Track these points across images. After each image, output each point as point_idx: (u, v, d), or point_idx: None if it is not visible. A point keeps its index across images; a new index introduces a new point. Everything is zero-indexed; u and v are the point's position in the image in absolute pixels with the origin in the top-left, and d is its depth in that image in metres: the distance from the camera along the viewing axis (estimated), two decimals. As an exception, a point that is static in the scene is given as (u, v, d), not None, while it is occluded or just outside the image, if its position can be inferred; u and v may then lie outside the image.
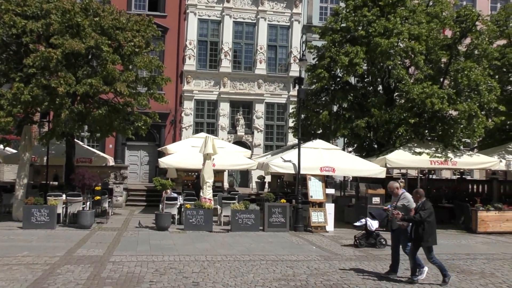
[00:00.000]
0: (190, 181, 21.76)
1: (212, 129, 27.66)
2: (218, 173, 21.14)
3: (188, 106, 27.67)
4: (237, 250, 11.66)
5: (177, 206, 16.15)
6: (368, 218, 12.87)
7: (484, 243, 14.24)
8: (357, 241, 12.81)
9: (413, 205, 8.88)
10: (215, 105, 28.13)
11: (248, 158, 20.86)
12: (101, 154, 22.43)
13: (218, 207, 16.73)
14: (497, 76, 19.23)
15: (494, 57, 18.02)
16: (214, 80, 28.10)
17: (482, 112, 17.70)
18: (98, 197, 15.93)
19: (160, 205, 16.23)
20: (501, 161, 17.76)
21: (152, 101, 18.91)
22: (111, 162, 22.41)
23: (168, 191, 16.04)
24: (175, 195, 16.45)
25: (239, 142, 26.97)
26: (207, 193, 15.88)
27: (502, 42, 20.57)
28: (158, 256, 10.44)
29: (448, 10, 18.49)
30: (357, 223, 13.17)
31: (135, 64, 17.48)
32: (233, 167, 20.79)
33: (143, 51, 17.52)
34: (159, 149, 24.80)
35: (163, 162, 18.17)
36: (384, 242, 12.65)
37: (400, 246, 9.18)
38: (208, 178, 16.02)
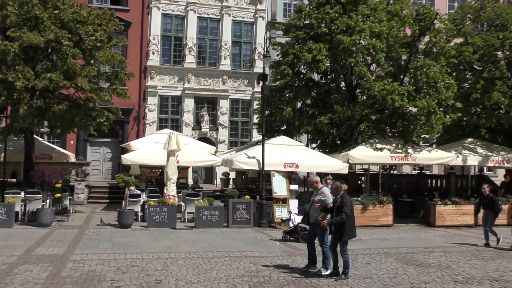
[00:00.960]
0: (153, 178, 21.57)
1: (177, 125, 27.46)
2: (182, 170, 21.03)
3: (152, 102, 27.36)
4: (201, 247, 11.64)
5: (141, 203, 15.99)
6: (295, 213, 13.38)
7: (441, 236, 14.69)
8: (285, 236, 13.15)
9: (330, 200, 8.96)
10: (180, 101, 27.92)
11: (213, 154, 20.81)
12: (62, 150, 21.95)
13: (182, 204, 16.65)
14: (454, 74, 19.78)
15: (451, 55, 18.52)
16: (178, 76, 27.86)
17: (440, 109, 18.16)
18: (58, 195, 15.58)
19: (123, 202, 16.02)
20: (458, 156, 18.30)
21: (114, 97, 18.62)
22: (72, 158, 21.97)
23: (131, 188, 15.86)
24: (138, 192, 16.28)
25: (204, 139, 26.88)
26: (171, 190, 15.78)
27: (459, 40, 21.18)
28: (120, 254, 10.32)
29: (407, 8, 18.88)
30: (284, 217, 13.54)
31: (97, 58, 17.18)
32: (198, 164, 20.71)
33: (105, 45, 17.22)
34: (122, 145, 24.46)
35: (126, 158, 17.93)
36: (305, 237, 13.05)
37: (317, 239, 9.23)
38: (172, 175, 15.92)
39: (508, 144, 20.43)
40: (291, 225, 13.43)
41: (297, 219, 13.14)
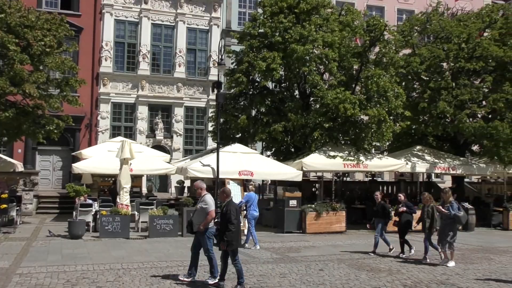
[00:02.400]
0: (106, 187, 21.09)
1: (130, 133, 27.03)
2: (136, 178, 20.69)
3: (105, 109, 26.82)
4: (155, 256, 11.48)
5: (92, 213, 15.60)
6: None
7: (392, 242, 15.02)
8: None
9: (212, 207, 8.72)
10: (133, 109, 27.51)
11: (167, 162, 20.60)
12: (8, 159, 21.08)
13: (136, 213, 16.36)
14: (403, 83, 20.43)
15: (400, 65, 19.14)
16: (132, 83, 27.46)
17: (390, 117, 18.69)
18: (4, 206, 14.98)
19: (74, 212, 15.59)
20: (407, 163, 18.87)
21: (65, 104, 18.17)
22: (19, 168, 21.13)
23: (82, 197, 15.46)
24: (90, 201, 15.89)
25: (158, 147, 26.57)
26: (124, 199, 15.49)
27: (407, 51, 21.91)
28: (70, 266, 10.03)
29: (358, 19, 19.38)
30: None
31: (46, 64, 16.71)
32: (152, 172, 20.44)
33: (55, 51, 16.79)
34: (73, 153, 23.78)
35: (78, 167, 17.46)
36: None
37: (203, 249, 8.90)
38: (125, 184, 15.64)
39: (453, 152, 21.26)
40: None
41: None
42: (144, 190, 23.22)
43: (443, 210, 11.11)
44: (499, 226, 19.07)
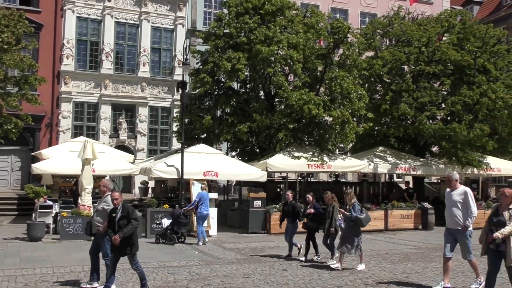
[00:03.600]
0: (67, 188, 20.63)
1: (93, 133, 26.52)
2: (98, 179, 20.19)
3: (66, 108, 26.21)
4: (117, 258, 11.28)
5: (53, 215, 15.24)
6: (164, 217, 14.17)
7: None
8: (158, 238, 13.95)
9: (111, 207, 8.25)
10: (96, 108, 27.00)
11: (131, 163, 20.32)
12: (-36, 159, 20.42)
13: (98, 214, 16.05)
14: (366, 85, 20.78)
15: (363, 67, 19.46)
16: (94, 82, 26.94)
17: (354, 119, 18.98)
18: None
19: (33, 214, 15.17)
20: (370, 164, 19.21)
21: (24, 103, 17.68)
22: (-24, 168, 20.50)
23: (42, 199, 15.07)
24: (50, 203, 15.51)
25: (122, 147, 26.16)
26: (86, 200, 15.20)
27: (370, 54, 22.33)
28: (29, 269, 9.78)
29: (323, 21, 19.62)
30: (164, 221, 14.21)
31: (3, 62, 16.23)
32: (115, 173, 20.05)
33: (13, 48, 16.34)
34: (33, 154, 23.15)
35: (37, 168, 17.01)
36: (174, 239, 13.89)
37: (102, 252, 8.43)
38: (87, 185, 15.35)
39: (414, 153, 21.79)
40: (162, 226, 14.25)
41: (166, 222, 13.94)
42: (107, 191, 22.80)
43: (344, 212, 10.78)
44: (457, 225, 19.60)
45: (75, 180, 19.79)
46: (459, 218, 8.53)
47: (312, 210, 11.72)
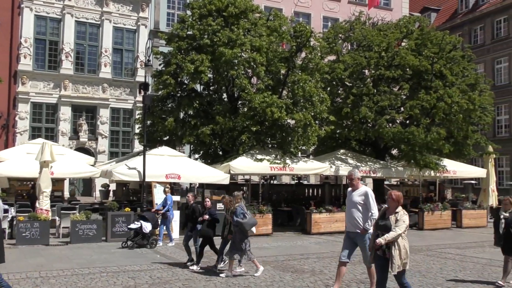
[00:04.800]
0: (24, 191, 20.08)
1: (52, 135, 25.94)
2: (57, 182, 19.87)
3: (24, 109, 25.54)
4: (76, 263, 11.08)
5: (8, 219, 14.77)
6: (141, 221, 13.83)
7: (316, 243, 15.51)
8: (127, 242, 13.64)
9: None
10: (55, 109, 26.41)
11: (91, 165, 19.93)
12: None
13: (57, 218, 15.71)
14: (328, 89, 21.10)
15: (325, 71, 19.71)
16: (54, 82, 26.37)
17: (316, 122, 19.21)
18: None
19: (-13, 219, 14.67)
20: (331, 166, 19.45)
21: (-22, 103, 17.11)
22: None
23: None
24: (6, 206, 15.01)
25: (82, 149, 25.69)
26: (44, 203, 14.82)
27: (332, 57, 22.68)
28: (-18, 276, 9.44)
29: (286, 25, 19.80)
30: (132, 225, 13.95)
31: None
32: (74, 175, 19.71)
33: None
34: (-13, 156, 22.41)
35: (-8, 170, 16.47)
36: (155, 242, 13.95)
37: None
38: (45, 188, 14.97)
39: (374, 155, 22.25)
40: (144, 231, 13.84)
41: (148, 226, 13.78)
42: (66, 194, 22.36)
43: (206, 217, 10.44)
44: (415, 226, 20.13)
45: (32, 183, 19.28)
46: (359, 220, 7.92)
47: (207, 217, 10.83)
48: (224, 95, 19.88)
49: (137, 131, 23.06)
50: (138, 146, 25.52)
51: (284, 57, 19.13)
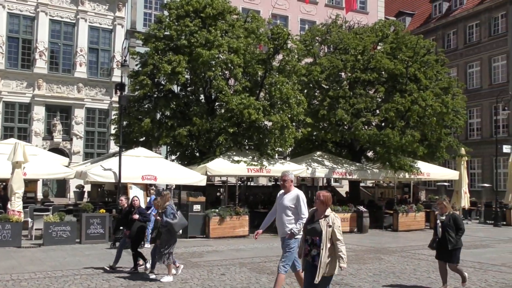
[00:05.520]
0: (-4, 192, 19.61)
1: (25, 135, 25.46)
2: (30, 183, 19.46)
3: (-5, 108, 25.00)
4: (49, 265, 10.90)
5: (-21, 221, 14.44)
6: None
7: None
8: (115, 243, 13.38)
9: None
10: (28, 109, 25.94)
11: (66, 166, 19.62)
12: None
13: (29, 219, 15.42)
14: (305, 91, 21.24)
15: (302, 73, 19.86)
16: (27, 82, 25.90)
17: (293, 124, 19.31)
18: None
19: (-43, 221, 14.32)
20: (308, 168, 19.59)
21: None
22: None
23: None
24: (-23, 208, 14.72)
25: (56, 149, 25.25)
26: (16, 205, 14.51)
27: (309, 60, 22.85)
28: (-49, 280, 9.23)
29: (263, 27, 19.86)
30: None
31: None
32: (48, 176, 19.37)
33: None
34: (-43, 156, 21.85)
35: (-38, 171, 16.06)
36: (143, 243, 13.42)
37: None
38: (18, 189, 14.66)
39: (350, 157, 22.48)
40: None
41: None
42: (40, 195, 21.96)
43: (157, 217, 9.89)
44: (390, 228, 20.42)
45: (4, 184, 18.86)
46: (288, 226, 7.38)
47: (137, 216, 10.36)
48: (201, 96, 19.82)
49: (113, 131, 22.82)
50: (113, 147, 25.24)
51: (261, 59, 19.19)
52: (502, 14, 35.02)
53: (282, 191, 7.66)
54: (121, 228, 11.34)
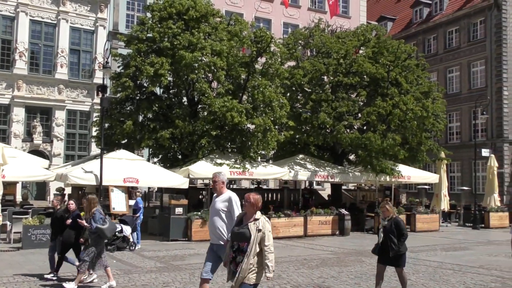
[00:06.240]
0: (-27, 195, 19.27)
1: (4, 137, 25.04)
2: (8, 185, 19.12)
3: (-27, 109, 24.57)
4: (28, 269, 10.74)
5: (-44, 224, 14.17)
6: (122, 225, 13.91)
7: (274, 248, 15.47)
8: (107, 246, 13.15)
9: None
10: (8, 110, 25.54)
11: (46, 168, 19.36)
12: None
13: (8, 223, 15.17)
14: (288, 94, 21.34)
15: (285, 76, 19.91)
16: (6, 82, 25.49)
17: (275, 127, 19.39)
18: None
19: None
20: (290, 171, 19.66)
21: None
22: None
23: None
24: (-47, 212, 14.41)
25: (36, 151, 24.90)
26: (-6, 208, 14.28)
27: (291, 63, 22.95)
28: None
29: (246, 30, 19.90)
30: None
31: None
32: (28, 179, 19.10)
33: None
34: None
35: None
36: (133, 246, 14.20)
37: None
38: (-4, 191, 14.43)
39: (333, 161, 22.62)
40: (125, 234, 14.01)
41: (128, 230, 13.91)
42: (19, 198, 21.61)
43: (84, 223, 9.28)
44: (371, 230, 20.58)
45: (-18, 186, 18.54)
46: (222, 231, 6.71)
47: (70, 221, 9.68)
48: (184, 99, 19.78)
49: (94, 134, 22.58)
50: (95, 149, 24.96)
51: (244, 62, 19.22)
52: (480, 20, 35.64)
53: (215, 194, 7.03)
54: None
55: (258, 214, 5.82)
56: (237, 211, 6.70)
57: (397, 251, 8.39)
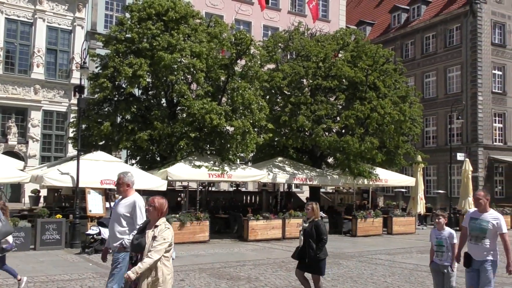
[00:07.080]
0: None
1: (-23, 137, 24.51)
2: (-19, 187, 18.79)
3: None
4: (1, 273, 10.50)
5: None
6: (100, 227, 13.75)
7: (253, 250, 15.61)
8: (85, 249, 13.53)
9: None
10: (-19, 110, 25.01)
11: (21, 170, 18.99)
12: None
13: (-21, 226, 14.83)
14: (267, 97, 21.37)
15: (264, 79, 19.93)
16: (-20, 82, 24.97)
17: (254, 129, 19.36)
18: None
19: None
20: (269, 174, 19.67)
21: None
22: None
23: None
24: None
25: (11, 153, 24.42)
26: (-34, 210, 13.95)
27: (271, 66, 23.01)
28: None
29: (226, 32, 19.88)
30: (90, 231, 13.78)
31: None
32: (2, 180, 18.62)
33: None
34: None
35: None
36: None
37: None
38: (-32, 193, 14.14)
39: (311, 163, 22.73)
40: (103, 236, 13.56)
41: (106, 232, 13.35)
42: (-8, 200, 21.18)
43: None
44: (348, 233, 20.73)
45: (-46, 188, 18.15)
46: (120, 237, 6.23)
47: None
48: (163, 100, 19.64)
49: (71, 135, 22.23)
50: (72, 151, 24.59)
51: (224, 64, 19.18)
52: (457, 26, 36.30)
53: (120, 197, 6.50)
54: None
55: (161, 221, 5.15)
56: (141, 217, 6.10)
57: (313, 257, 7.83)
